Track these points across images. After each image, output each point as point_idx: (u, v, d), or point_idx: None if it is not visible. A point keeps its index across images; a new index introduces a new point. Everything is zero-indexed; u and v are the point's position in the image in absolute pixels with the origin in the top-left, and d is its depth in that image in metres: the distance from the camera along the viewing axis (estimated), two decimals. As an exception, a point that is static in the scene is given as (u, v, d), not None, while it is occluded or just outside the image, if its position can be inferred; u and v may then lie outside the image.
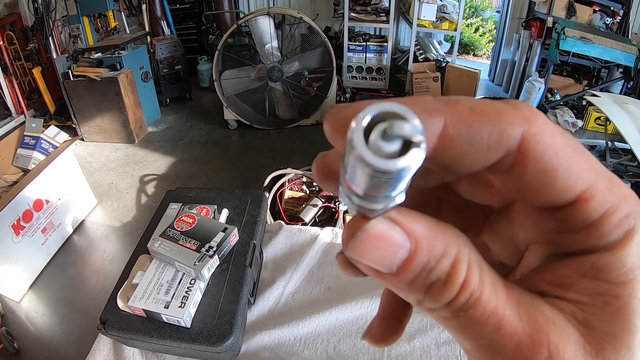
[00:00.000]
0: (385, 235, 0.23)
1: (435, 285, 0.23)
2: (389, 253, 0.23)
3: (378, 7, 5.81)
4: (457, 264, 0.23)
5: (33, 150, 3.43)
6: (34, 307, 3.02)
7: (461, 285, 0.23)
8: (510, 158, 0.23)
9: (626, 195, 0.24)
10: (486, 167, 0.24)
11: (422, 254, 0.23)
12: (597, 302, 0.24)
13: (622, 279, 0.23)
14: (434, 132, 0.23)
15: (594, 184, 0.23)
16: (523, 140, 0.23)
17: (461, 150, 0.23)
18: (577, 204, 0.23)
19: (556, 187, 0.23)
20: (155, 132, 5.41)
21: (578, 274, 0.24)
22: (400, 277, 0.24)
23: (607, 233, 0.23)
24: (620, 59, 5.13)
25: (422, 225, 0.24)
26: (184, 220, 1.53)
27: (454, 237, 0.24)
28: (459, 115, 0.23)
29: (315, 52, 5.00)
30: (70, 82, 4.71)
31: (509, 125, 0.23)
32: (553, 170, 0.23)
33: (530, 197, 0.24)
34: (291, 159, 4.56)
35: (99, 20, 5.47)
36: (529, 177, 0.23)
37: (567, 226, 0.24)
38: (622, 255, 0.23)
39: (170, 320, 1.33)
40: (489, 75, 7.27)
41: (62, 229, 3.47)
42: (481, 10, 10.03)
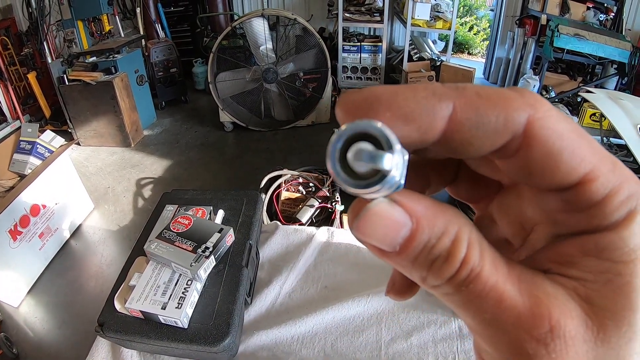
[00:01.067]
0: (388, 213, 0.24)
1: (437, 262, 0.24)
2: (392, 231, 0.24)
3: (372, 7, 5.83)
4: (458, 241, 0.24)
5: (29, 155, 3.42)
6: (32, 312, 3.02)
7: (461, 261, 0.24)
8: (516, 142, 0.24)
9: (628, 177, 0.25)
10: (493, 151, 0.25)
11: (424, 232, 0.24)
12: (600, 280, 0.24)
13: (624, 258, 0.24)
14: (444, 116, 0.24)
15: (597, 166, 0.24)
16: (528, 125, 0.24)
17: (469, 134, 0.24)
18: (581, 185, 0.24)
19: (561, 169, 0.24)
20: (151, 135, 5.41)
21: (581, 252, 0.25)
22: (404, 254, 0.24)
23: (610, 213, 0.24)
24: (614, 55, 5.15)
25: (422, 205, 0.25)
26: (180, 222, 1.53)
27: (454, 217, 0.25)
28: (467, 100, 0.24)
29: (310, 53, 5.01)
30: (65, 87, 4.71)
31: (515, 110, 0.24)
32: (558, 153, 0.24)
33: (536, 179, 0.25)
34: (287, 160, 4.57)
35: (93, 24, 5.47)
36: (535, 161, 0.24)
37: (572, 206, 0.25)
38: (624, 235, 0.24)
39: (168, 321, 1.34)
40: (484, 74, 7.29)
41: (59, 234, 3.46)
42: (475, 8, 10.04)
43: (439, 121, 0.24)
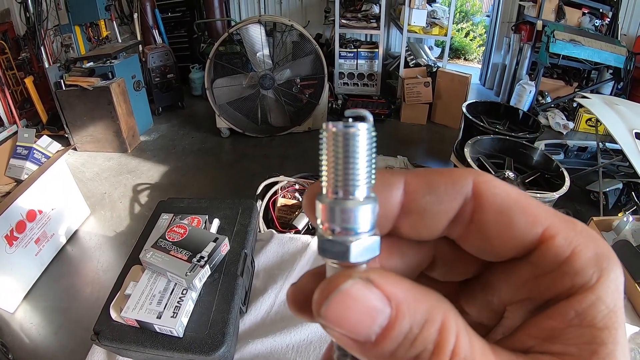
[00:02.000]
0: (362, 297, 0.22)
1: (422, 357, 0.22)
2: (367, 319, 0.22)
3: (369, 13, 5.85)
4: (445, 330, 0.22)
5: (25, 161, 3.42)
6: (28, 318, 3.01)
7: (451, 354, 0.22)
8: (468, 207, 0.26)
9: (593, 236, 0.25)
10: (450, 221, 0.27)
11: (404, 320, 0.22)
12: (585, 352, 0.24)
13: (605, 323, 0.24)
14: (399, 188, 0.26)
15: (554, 223, 0.25)
16: (475, 186, 0.26)
17: (424, 200, 0.26)
18: (543, 244, 0.25)
19: (516, 226, 0.25)
20: (148, 141, 5.42)
21: (563, 323, 0.24)
22: (380, 347, 0.22)
23: (581, 270, 0.24)
24: (609, 60, 5.19)
25: (402, 287, 0.23)
26: (175, 231, 1.54)
27: (437, 301, 0.23)
28: (416, 174, 0.26)
29: (307, 59, 5.02)
30: (62, 92, 4.71)
31: (461, 176, 0.26)
32: (509, 210, 0.25)
33: (497, 244, 0.26)
34: (284, 166, 4.58)
35: (90, 29, 5.47)
36: (489, 222, 0.26)
37: (540, 268, 0.25)
38: (601, 294, 0.24)
39: (163, 330, 1.34)
40: (480, 79, 7.32)
41: (55, 240, 3.47)
42: (471, 14, 10.08)
43: (395, 191, 0.26)
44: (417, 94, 5.59)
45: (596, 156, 4.07)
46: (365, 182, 0.25)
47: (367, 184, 0.25)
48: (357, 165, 0.24)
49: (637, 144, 2.99)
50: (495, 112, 4.46)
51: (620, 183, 3.92)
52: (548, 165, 3.20)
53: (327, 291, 0.23)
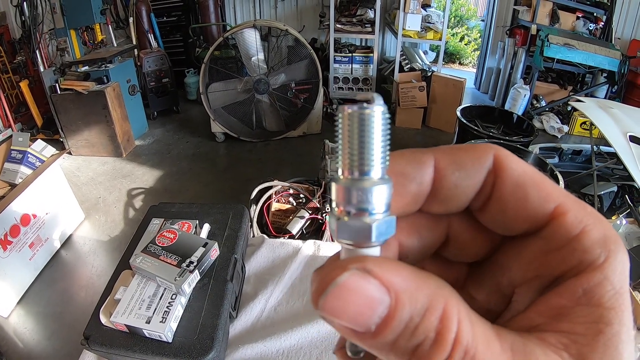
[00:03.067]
0: (360, 288, 0.22)
1: (423, 346, 0.22)
2: (366, 309, 0.22)
3: (363, 18, 5.86)
4: (446, 318, 0.22)
5: (20, 165, 3.41)
6: (22, 323, 3.01)
7: (453, 342, 0.21)
8: (490, 179, 0.27)
9: (600, 218, 0.26)
10: (476, 193, 0.28)
11: (404, 310, 0.22)
12: (590, 332, 0.24)
13: (612, 303, 0.24)
14: (430, 166, 0.27)
15: (565, 201, 0.26)
16: (496, 159, 0.27)
17: (454, 177, 0.27)
18: (554, 219, 0.26)
19: (531, 199, 0.26)
20: (143, 145, 5.41)
21: (572, 301, 0.25)
22: (381, 337, 0.22)
23: (590, 247, 0.25)
24: (604, 64, 5.21)
25: (401, 276, 0.23)
26: (165, 236, 1.55)
27: (438, 288, 0.23)
28: (444, 151, 0.28)
29: (302, 64, 5.03)
30: (57, 96, 4.71)
31: (483, 151, 0.27)
32: (525, 183, 0.26)
33: (513, 216, 0.27)
34: (278, 171, 4.58)
35: (86, 33, 5.47)
36: (507, 193, 0.27)
37: (553, 243, 0.26)
38: (609, 274, 0.24)
39: (152, 335, 1.35)
40: (475, 84, 7.34)
41: (49, 244, 3.46)
42: (466, 19, 10.11)
43: (427, 170, 0.27)
44: (412, 98, 5.60)
45: (591, 159, 4.08)
46: (381, 162, 0.25)
47: (382, 164, 0.25)
48: (372, 145, 0.25)
49: (632, 147, 3.00)
50: (490, 116, 4.48)
51: (615, 186, 3.93)
52: (542, 168, 3.21)
53: (324, 284, 0.23)
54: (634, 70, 5.42)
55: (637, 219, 2.07)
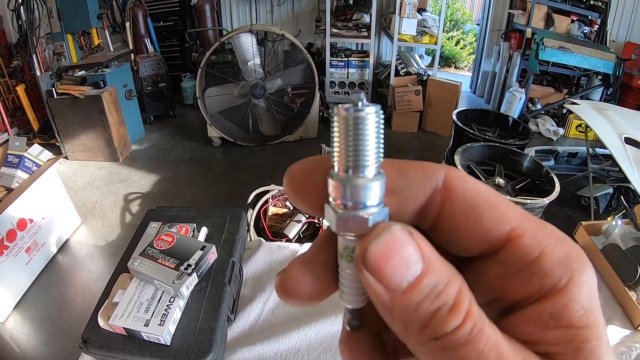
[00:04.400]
0: (405, 244, 0.24)
1: (442, 310, 0.23)
2: (404, 266, 0.23)
3: (359, 22, 5.88)
4: (462, 292, 0.24)
5: (16, 169, 3.41)
6: (18, 327, 3.00)
7: (466, 313, 0.23)
8: (438, 197, 0.27)
9: (562, 237, 0.26)
10: (419, 208, 0.27)
11: (433, 275, 0.24)
12: (569, 350, 0.24)
13: (584, 322, 0.24)
14: None
15: (522, 223, 0.26)
16: (446, 179, 0.27)
17: (394, 182, 0.27)
18: (511, 242, 0.26)
19: (484, 222, 0.26)
20: (139, 150, 5.41)
21: (540, 325, 0.25)
22: (409, 295, 0.23)
23: (551, 271, 0.25)
24: (599, 66, 5.24)
25: (431, 248, 0.25)
26: (163, 239, 1.55)
27: (456, 271, 0.25)
28: (391, 161, 0.28)
29: (298, 69, 5.04)
30: (53, 100, 4.71)
31: (433, 168, 0.27)
32: (477, 206, 0.26)
33: (465, 237, 0.27)
34: (275, 175, 4.57)
35: (82, 37, 5.46)
36: (458, 215, 0.27)
37: (510, 267, 0.26)
38: (574, 295, 0.25)
39: (150, 338, 1.35)
40: (471, 87, 7.37)
41: (46, 249, 3.45)
42: (461, 23, 10.14)
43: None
44: (408, 102, 5.62)
45: (586, 162, 4.10)
46: (374, 160, 0.26)
47: (376, 162, 0.26)
48: (366, 146, 0.26)
49: (627, 149, 3.02)
50: (486, 119, 4.48)
51: (611, 188, 3.95)
52: (538, 171, 3.21)
53: (378, 230, 0.25)
54: (629, 72, 5.46)
55: (633, 220, 2.07)
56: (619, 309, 1.72)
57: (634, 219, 2.09)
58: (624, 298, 1.71)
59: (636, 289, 1.71)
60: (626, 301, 1.69)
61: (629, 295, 1.68)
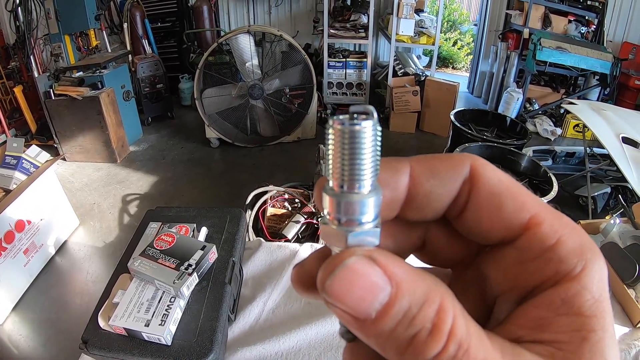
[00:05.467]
0: (365, 273, 0.23)
1: (420, 336, 0.22)
2: (369, 294, 0.23)
3: (357, 23, 5.88)
4: (443, 311, 0.22)
5: (14, 170, 3.40)
6: (17, 329, 2.99)
7: (448, 334, 0.22)
8: (466, 188, 0.28)
9: (575, 227, 0.26)
10: (451, 201, 0.28)
11: (404, 299, 0.22)
12: (575, 339, 0.24)
13: (593, 311, 0.25)
14: (405, 173, 0.27)
15: (540, 211, 0.26)
16: (472, 169, 0.27)
17: (429, 184, 0.28)
18: (529, 230, 0.26)
19: (506, 209, 0.27)
20: (137, 151, 5.41)
21: (551, 311, 0.25)
22: (380, 324, 0.23)
23: (566, 257, 0.25)
24: (596, 66, 5.25)
25: (402, 268, 0.24)
26: (163, 239, 1.55)
27: (435, 284, 0.24)
28: (419, 160, 0.28)
29: (296, 69, 5.04)
30: (51, 101, 4.71)
31: (459, 160, 0.28)
32: (500, 193, 0.27)
33: (487, 224, 0.28)
34: (273, 176, 4.59)
35: (80, 38, 5.44)
36: (482, 202, 0.27)
37: (528, 253, 0.26)
38: (587, 284, 0.25)
39: (151, 338, 1.34)
40: (468, 88, 7.38)
41: (44, 250, 3.45)
42: (459, 23, 10.16)
43: (402, 177, 0.27)
44: (406, 102, 5.62)
45: (584, 161, 4.11)
46: (370, 176, 0.25)
47: (371, 177, 0.25)
48: (362, 162, 0.25)
49: (624, 148, 3.03)
50: (483, 119, 4.50)
51: (608, 187, 3.96)
52: (536, 171, 3.22)
53: (332, 266, 0.23)
54: (626, 72, 5.48)
55: (631, 219, 2.08)
56: (618, 307, 1.72)
57: (632, 217, 2.10)
58: (623, 296, 1.71)
59: (635, 287, 1.72)
60: (625, 299, 1.70)
61: (627, 293, 1.68)
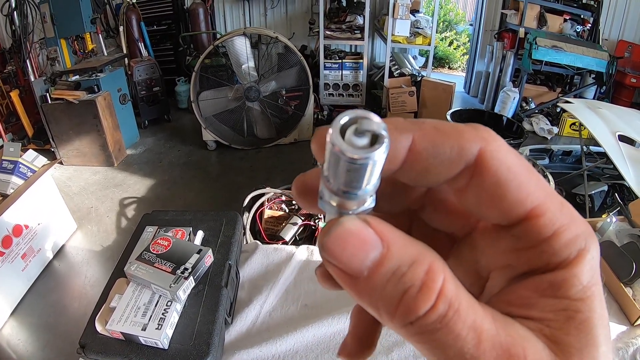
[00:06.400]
0: (359, 231, 0.24)
1: (409, 293, 0.23)
2: (361, 252, 0.23)
3: (353, 24, 5.88)
4: (432, 272, 0.23)
5: (11, 175, 3.40)
6: (15, 334, 2.99)
7: (438, 293, 0.22)
8: (469, 171, 0.26)
9: (575, 217, 0.26)
10: (449, 180, 0.27)
11: (394, 257, 0.23)
12: (561, 317, 0.25)
13: (580, 295, 0.25)
14: (404, 146, 0.26)
15: (544, 203, 0.26)
16: (480, 155, 0.26)
17: (427, 162, 0.26)
18: (529, 220, 0.26)
19: (508, 200, 0.26)
20: (134, 154, 5.40)
21: (538, 293, 0.25)
22: (371, 280, 0.23)
23: (560, 249, 0.25)
24: (592, 65, 5.26)
25: (394, 232, 0.24)
26: (159, 243, 1.55)
27: (425, 249, 0.24)
28: (425, 133, 0.26)
29: (292, 71, 5.04)
30: (48, 105, 4.70)
31: (468, 142, 0.26)
32: (505, 183, 0.26)
33: (486, 209, 0.27)
34: (270, 178, 4.59)
35: (76, 42, 5.44)
36: (484, 190, 0.26)
37: (522, 242, 0.26)
38: (577, 272, 0.25)
39: (148, 342, 1.35)
40: (464, 87, 7.38)
41: (42, 255, 3.44)
42: (454, 23, 10.16)
43: (400, 150, 0.26)
44: (402, 103, 5.62)
45: (581, 160, 4.11)
46: (373, 186, 0.25)
47: (374, 186, 0.25)
48: (360, 187, 0.24)
49: (621, 147, 3.03)
50: (480, 119, 4.50)
51: (605, 185, 3.96)
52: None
53: (329, 225, 0.24)
54: (622, 70, 5.48)
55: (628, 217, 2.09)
56: (615, 305, 1.73)
57: (629, 215, 2.10)
58: (620, 294, 1.72)
59: (632, 285, 1.72)
60: (622, 297, 1.70)
61: (625, 292, 1.69)
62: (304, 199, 0.29)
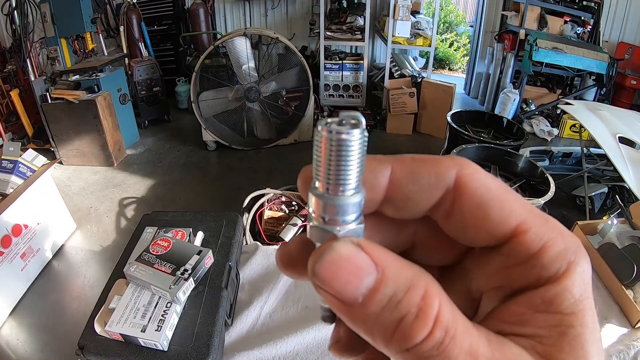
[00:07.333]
0: (352, 257, 0.23)
1: (406, 320, 0.22)
2: (355, 278, 0.23)
3: (353, 25, 5.88)
4: (428, 297, 0.23)
5: (11, 174, 3.39)
6: (14, 334, 2.98)
7: (434, 320, 0.22)
8: (450, 195, 0.27)
9: (562, 231, 0.26)
10: (432, 207, 0.28)
11: (389, 283, 0.23)
12: (554, 334, 0.25)
13: (572, 309, 0.25)
14: (385, 175, 0.27)
15: (528, 219, 0.26)
16: (457, 179, 0.27)
17: (407, 189, 0.27)
18: (515, 237, 0.26)
19: (492, 219, 0.26)
20: (134, 154, 5.39)
21: (531, 309, 0.26)
22: (367, 308, 0.23)
23: (549, 263, 0.25)
24: (592, 66, 5.26)
25: (388, 256, 0.24)
26: (159, 244, 1.54)
27: (420, 272, 0.24)
28: (403, 162, 0.28)
29: (292, 72, 5.04)
30: (48, 105, 4.69)
31: (445, 167, 0.27)
32: (487, 203, 0.26)
33: (473, 232, 0.27)
34: (270, 179, 4.58)
35: (76, 42, 5.43)
36: (468, 212, 0.27)
37: (512, 260, 0.27)
38: (567, 285, 0.25)
39: (148, 344, 1.34)
40: (465, 89, 7.38)
41: (41, 255, 3.44)
42: (455, 25, 10.16)
43: (381, 179, 0.27)
44: (402, 104, 5.62)
45: (581, 161, 4.11)
46: (355, 181, 0.26)
47: (356, 181, 0.26)
48: (348, 168, 0.25)
49: (621, 148, 3.03)
50: (480, 120, 4.50)
51: (606, 187, 3.96)
52: (533, 171, 3.22)
53: (321, 250, 0.24)
54: (622, 72, 5.49)
55: (628, 219, 2.08)
56: (616, 307, 1.72)
57: (630, 217, 2.10)
58: (621, 297, 1.72)
59: (633, 288, 1.72)
60: (623, 300, 1.70)
61: (626, 294, 1.69)
62: (291, 269, 0.29)
